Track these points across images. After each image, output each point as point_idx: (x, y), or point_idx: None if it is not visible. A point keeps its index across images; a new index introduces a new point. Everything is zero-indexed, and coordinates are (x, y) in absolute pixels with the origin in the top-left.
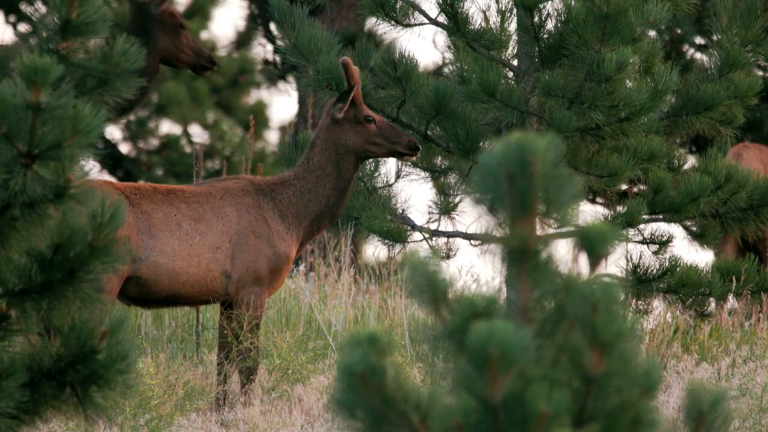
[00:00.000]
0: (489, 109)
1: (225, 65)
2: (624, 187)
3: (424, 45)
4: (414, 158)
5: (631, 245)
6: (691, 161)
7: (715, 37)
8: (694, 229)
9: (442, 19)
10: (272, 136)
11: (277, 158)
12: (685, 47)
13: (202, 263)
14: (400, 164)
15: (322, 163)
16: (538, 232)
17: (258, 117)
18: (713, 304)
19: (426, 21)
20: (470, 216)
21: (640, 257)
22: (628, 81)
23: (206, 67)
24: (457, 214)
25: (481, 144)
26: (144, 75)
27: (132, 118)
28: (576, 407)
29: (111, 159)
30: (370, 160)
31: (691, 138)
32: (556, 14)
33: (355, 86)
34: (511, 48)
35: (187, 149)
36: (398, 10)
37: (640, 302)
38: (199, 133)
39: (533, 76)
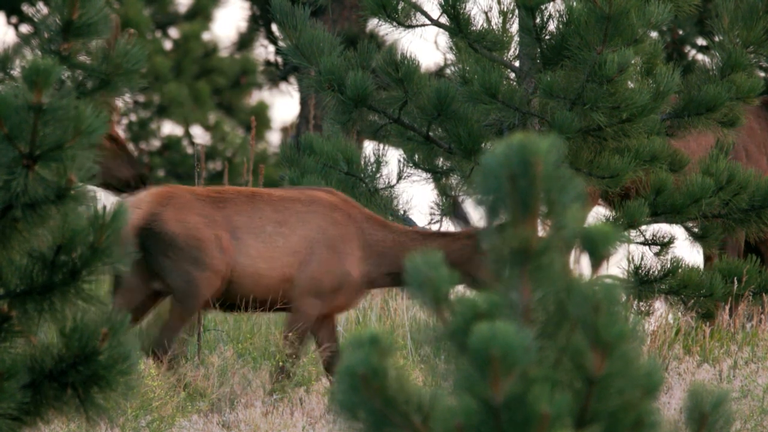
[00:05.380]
0: (491, 110)
1: (227, 66)
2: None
3: (425, 46)
4: None
5: (632, 246)
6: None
7: (716, 38)
8: (696, 230)
9: (443, 20)
10: (274, 138)
11: (279, 159)
12: (687, 48)
13: (281, 267)
14: (401, 165)
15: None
16: (540, 233)
17: (260, 118)
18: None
19: (428, 22)
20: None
21: (642, 258)
22: (629, 82)
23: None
24: None
25: (482, 145)
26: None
27: (134, 118)
28: (577, 408)
29: None
30: (376, 162)
31: None
32: (557, 15)
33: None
34: (513, 49)
35: (189, 150)
36: (400, 11)
37: (641, 303)
38: (200, 134)
39: (535, 77)
